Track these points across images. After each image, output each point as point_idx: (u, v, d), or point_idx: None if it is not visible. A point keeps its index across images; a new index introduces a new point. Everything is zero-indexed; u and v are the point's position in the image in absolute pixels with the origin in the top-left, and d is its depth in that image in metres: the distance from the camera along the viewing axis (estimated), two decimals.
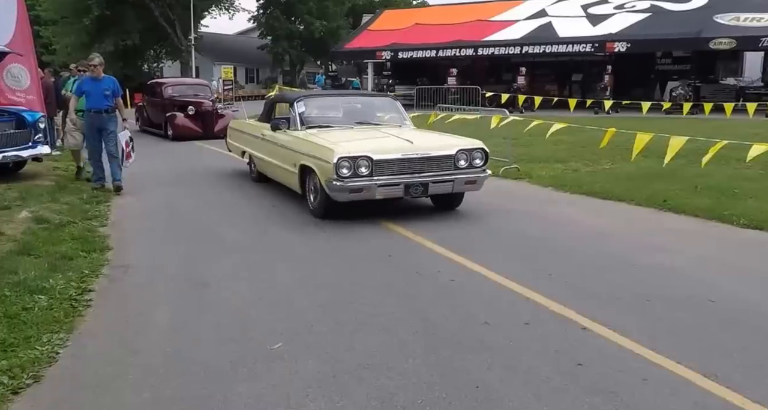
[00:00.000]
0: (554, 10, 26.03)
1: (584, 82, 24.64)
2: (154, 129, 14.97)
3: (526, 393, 2.63)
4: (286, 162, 6.31)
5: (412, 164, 5.50)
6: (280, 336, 3.23)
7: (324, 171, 5.40)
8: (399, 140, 5.80)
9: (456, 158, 5.66)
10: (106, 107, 7.23)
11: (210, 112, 13.91)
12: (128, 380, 2.80)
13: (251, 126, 7.95)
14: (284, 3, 38.74)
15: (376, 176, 5.38)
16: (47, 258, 4.51)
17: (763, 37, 19.95)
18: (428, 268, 4.35)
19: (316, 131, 6.20)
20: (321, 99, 7.57)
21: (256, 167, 7.69)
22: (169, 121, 13.85)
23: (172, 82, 16.48)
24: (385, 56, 26.75)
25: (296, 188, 6.18)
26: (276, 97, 8.23)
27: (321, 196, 5.64)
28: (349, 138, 5.96)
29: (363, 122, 6.70)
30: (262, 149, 7.18)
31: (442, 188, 5.66)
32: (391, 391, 2.65)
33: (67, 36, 32.44)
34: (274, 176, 7.05)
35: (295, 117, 6.49)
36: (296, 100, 6.73)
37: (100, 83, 7.22)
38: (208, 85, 16.24)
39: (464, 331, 3.28)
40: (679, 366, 2.85)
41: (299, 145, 6.00)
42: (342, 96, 8.30)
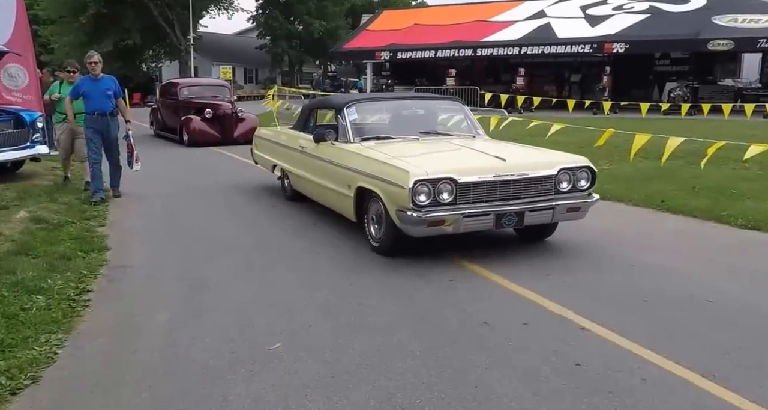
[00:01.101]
0: (553, 11, 26.08)
1: (583, 83, 24.69)
2: (169, 134, 13.77)
3: (525, 393, 2.63)
4: (335, 183, 5.16)
5: (505, 188, 4.36)
6: (278, 336, 3.23)
7: (394, 198, 4.29)
8: (486, 156, 4.64)
9: (557, 179, 4.52)
10: (111, 109, 6.63)
11: (229, 115, 12.58)
12: (127, 380, 2.79)
13: (285, 136, 6.69)
14: (283, 3, 38.75)
15: (461, 203, 4.25)
16: (45, 258, 4.51)
17: (761, 39, 20.02)
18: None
19: (374, 144, 5.08)
20: (376, 104, 6.06)
21: (291, 184, 6.54)
22: (184, 125, 12.63)
23: (187, 82, 15.16)
24: (384, 56, 26.78)
25: (349, 215, 5.03)
26: (316, 102, 6.91)
27: (388, 229, 4.49)
28: (421, 154, 4.88)
29: (428, 131, 5.54)
30: (301, 164, 6.00)
31: (541, 217, 4.50)
32: (390, 391, 2.65)
33: (65, 35, 32.44)
34: (317, 198, 5.87)
35: (346, 126, 5.33)
36: (346, 105, 5.48)
37: (100, 83, 6.60)
38: (227, 85, 14.95)
39: (463, 331, 3.28)
40: (677, 366, 2.86)
41: (355, 162, 4.86)
42: (399, 100, 6.58)
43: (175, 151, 12.24)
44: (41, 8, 31.93)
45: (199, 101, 13.11)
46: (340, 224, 5.68)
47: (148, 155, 9.79)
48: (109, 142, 6.70)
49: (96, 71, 6.59)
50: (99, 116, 6.53)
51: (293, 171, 6.27)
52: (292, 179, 6.46)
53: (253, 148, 7.68)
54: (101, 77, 6.62)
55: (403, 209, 4.21)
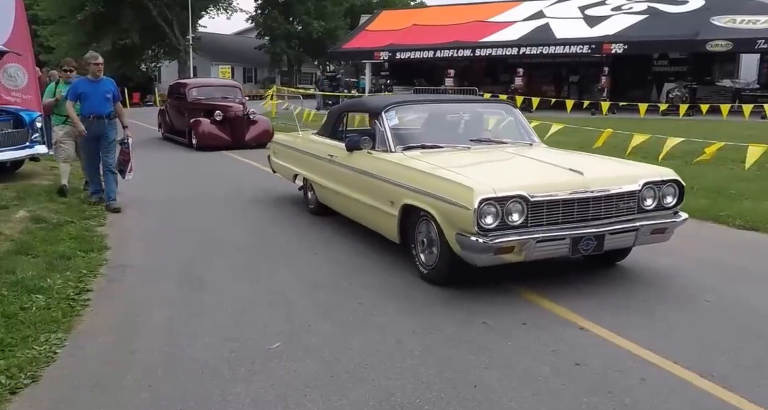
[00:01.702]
0: (552, 12, 26.13)
1: (581, 84, 24.76)
2: (178, 137, 13.00)
3: (524, 393, 2.64)
4: (374, 198, 4.55)
5: (584, 208, 3.74)
6: (278, 335, 3.23)
7: (453, 220, 3.67)
8: (558, 169, 3.99)
9: (641, 195, 3.90)
10: (109, 113, 6.31)
11: (240, 117, 11.86)
12: (126, 380, 2.80)
13: (309, 142, 6.00)
14: (282, 3, 38.78)
15: (533, 226, 3.63)
16: (45, 258, 4.50)
17: (759, 40, 20.09)
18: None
19: (420, 154, 4.47)
20: (418, 108, 5.34)
21: (317, 196, 5.84)
22: (193, 127, 11.91)
23: (197, 82, 14.41)
24: (383, 57, 26.83)
25: (391, 235, 4.43)
26: (347, 105, 6.07)
27: (443, 255, 3.87)
28: (480, 167, 4.30)
29: (479, 139, 4.93)
30: (329, 175, 5.36)
31: (622, 240, 3.90)
32: (389, 391, 2.66)
33: (64, 35, 32.46)
34: (349, 214, 5.23)
35: (385, 133, 4.69)
36: (385, 109, 4.82)
37: (100, 85, 6.28)
38: (238, 86, 14.14)
39: (462, 331, 3.29)
40: (676, 366, 2.87)
41: (400, 175, 4.24)
42: (443, 103, 5.78)
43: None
44: (41, 8, 31.95)
45: (208, 103, 12.44)
46: (340, 224, 5.69)
47: (153, 159, 9.71)
48: (105, 145, 6.35)
49: (100, 74, 6.33)
50: (95, 119, 6.21)
51: (320, 182, 5.60)
52: (318, 191, 5.76)
53: (271, 155, 7.03)
54: (101, 79, 6.33)
55: (464, 234, 3.57)
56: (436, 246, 3.95)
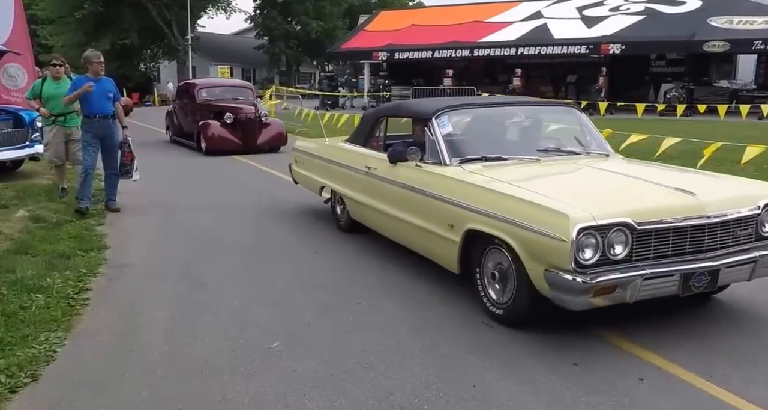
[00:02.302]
0: (550, 12, 26.18)
1: (579, 84, 24.82)
2: (186, 140, 12.30)
3: (523, 393, 2.65)
4: (427, 219, 3.88)
5: (697, 236, 3.11)
6: (277, 335, 3.24)
7: (540, 252, 3.02)
8: (663, 189, 3.33)
9: (761, 220, 3.30)
10: (112, 112, 6.08)
11: (252, 120, 11.15)
12: (126, 379, 2.80)
13: (340, 151, 5.32)
14: (281, 3, 38.80)
15: (638, 259, 3.00)
16: (45, 257, 4.51)
17: (756, 41, 20.16)
18: None
19: (482, 168, 3.83)
20: (474, 112, 4.59)
21: (349, 211, 5.18)
22: (202, 130, 11.19)
23: (206, 83, 13.65)
24: (381, 57, 26.85)
25: (448, 263, 3.78)
26: (386, 109, 5.34)
27: (522, 292, 3.22)
28: (565, 185, 3.66)
29: (547, 148, 4.30)
30: (367, 189, 4.70)
31: (737, 274, 3.26)
32: (389, 390, 2.67)
33: (64, 35, 32.48)
34: (392, 234, 4.56)
35: (437, 142, 4.02)
36: (435, 114, 4.15)
37: (101, 84, 5.99)
38: (250, 87, 13.43)
39: (462, 330, 3.30)
40: (674, 365, 2.88)
41: (462, 194, 3.58)
42: (501, 106, 4.91)
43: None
44: (40, 8, 31.95)
45: (218, 104, 11.72)
46: (335, 225, 5.69)
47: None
48: (109, 147, 6.14)
49: (102, 72, 6.07)
50: (101, 119, 5.97)
51: (353, 197, 4.95)
52: (350, 206, 5.10)
53: (293, 164, 6.33)
54: (101, 78, 6.06)
55: (555, 270, 2.93)
56: (512, 281, 3.28)
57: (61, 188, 6.76)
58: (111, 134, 6.12)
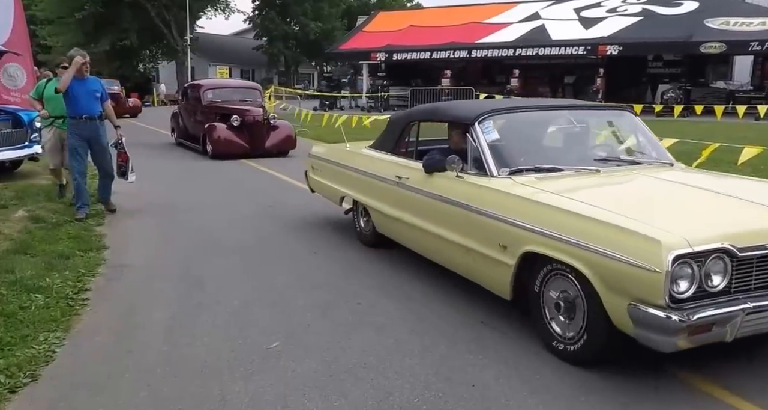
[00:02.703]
0: (547, 13, 26.25)
1: (576, 85, 24.89)
2: (192, 143, 11.91)
3: (522, 392, 2.66)
4: (472, 238, 3.43)
5: None
6: (277, 335, 3.24)
7: (624, 283, 2.58)
8: (755, 207, 2.94)
9: None
10: (99, 113, 5.88)
11: (260, 122, 10.73)
12: (125, 379, 2.80)
13: (364, 159, 4.90)
14: (280, 4, 38.85)
15: (738, 291, 2.61)
16: (44, 257, 4.51)
17: (753, 42, 20.25)
18: None
19: (535, 180, 3.39)
20: (520, 117, 4.05)
21: (374, 224, 4.75)
22: (208, 133, 10.80)
23: (212, 84, 13.30)
24: (379, 58, 26.88)
25: (498, 288, 3.34)
26: (419, 113, 4.73)
27: (595, 327, 2.79)
28: (644, 202, 3.14)
29: (606, 158, 3.83)
30: (397, 201, 4.27)
31: None
32: (388, 390, 2.67)
33: (63, 35, 32.50)
34: (428, 252, 4.10)
35: (482, 151, 3.59)
36: (479, 119, 3.70)
37: (88, 84, 5.80)
38: (258, 88, 13.02)
39: (461, 330, 3.31)
40: (674, 364, 2.86)
41: (518, 210, 3.15)
42: (550, 110, 4.42)
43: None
44: (39, 8, 31.96)
45: (225, 106, 11.31)
46: (338, 224, 5.70)
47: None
48: (98, 148, 5.92)
49: (87, 72, 5.87)
50: (87, 119, 5.75)
51: (380, 210, 4.53)
52: (376, 219, 4.69)
53: (309, 171, 5.87)
54: (87, 78, 5.86)
55: (642, 304, 2.50)
56: (582, 314, 2.85)
57: (60, 185, 6.65)
58: (98, 136, 5.88)
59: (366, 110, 23.38)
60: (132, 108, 21.65)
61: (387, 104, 25.05)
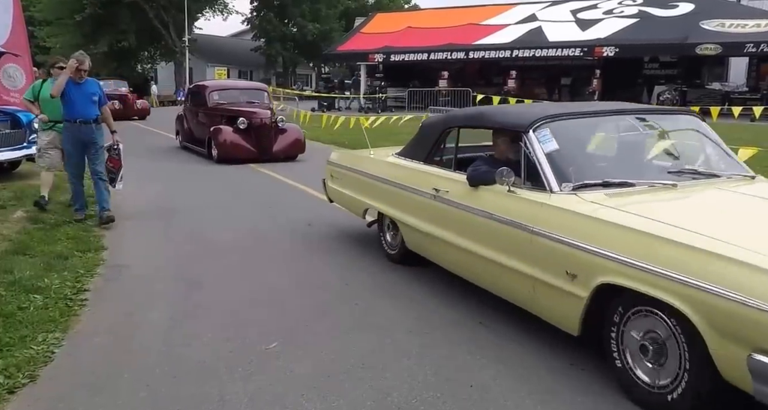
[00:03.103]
0: (544, 15, 26.34)
1: (573, 86, 24.99)
2: (197, 146, 11.38)
3: (520, 393, 2.67)
4: (532, 263, 2.98)
5: None
6: (275, 335, 3.25)
7: (743, 329, 2.16)
8: None
9: None
10: (96, 117, 5.74)
11: (267, 125, 10.23)
12: (124, 379, 2.81)
13: (394, 168, 4.45)
14: (278, 5, 38.87)
15: None
16: (42, 258, 4.52)
17: (748, 43, 20.35)
18: None
19: (605, 197, 2.90)
20: (580, 123, 3.55)
21: (405, 241, 4.29)
22: (213, 137, 10.32)
23: (218, 85, 12.85)
24: (377, 59, 26.91)
25: (563, 322, 2.92)
26: (458, 118, 4.27)
27: (699, 378, 2.36)
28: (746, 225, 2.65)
29: (681, 170, 3.31)
30: (435, 217, 3.82)
31: None
32: (386, 391, 2.68)
33: (61, 36, 32.50)
34: (472, 276, 3.63)
35: (539, 162, 3.14)
36: (533, 126, 3.24)
37: (85, 86, 5.67)
38: (265, 89, 12.42)
39: (458, 331, 3.32)
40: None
41: (588, 233, 2.72)
42: (611, 114, 3.79)
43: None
44: (37, 10, 31.95)
45: (231, 108, 10.85)
46: (336, 224, 5.71)
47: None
48: (93, 152, 5.75)
49: (85, 76, 5.72)
50: (82, 123, 5.62)
51: (413, 225, 4.07)
52: (407, 235, 4.24)
53: (328, 180, 5.42)
54: (85, 80, 5.72)
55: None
56: (676, 361, 2.42)
57: (42, 196, 6.20)
58: (94, 139, 5.72)
59: (364, 111, 23.40)
60: (140, 110, 21.09)
61: (384, 105, 25.09)
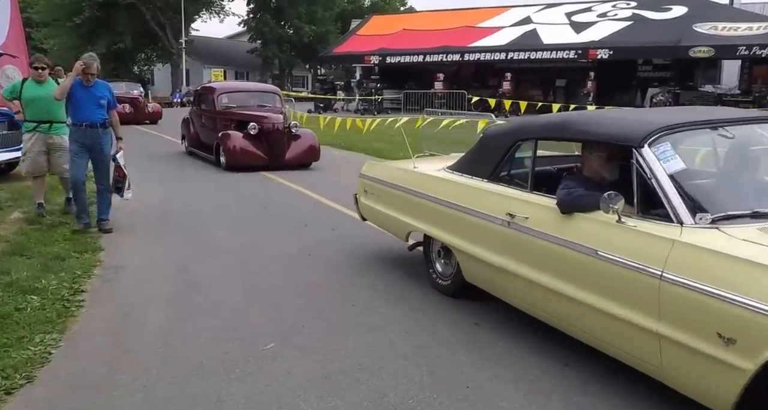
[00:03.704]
0: (539, 18, 26.46)
1: (568, 88, 25.10)
2: (204, 152, 10.75)
3: (516, 393, 2.68)
4: (663, 320, 2.29)
5: None
6: (272, 336, 3.26)
7: None
8: None
9: None
10: (103, 121, 5.44)
11: (280, 131, 9.55)
12: (121, 380, 2.81)
13: (447, 185, 3.77)
14: (274, 8, 38.92)
15: None
16: (39, 259, 4.52)
17: (740, 46, 20.50)
18: None
19: (758, 232, 2.24)
20: (708, 135, 2.91)
21: (463, 271, 3.64)
22: (222, 142, 9.67)
23: (227, 87, 12.08)
24: (373, 61, 26.96)
25: (711, 398, 2.22)
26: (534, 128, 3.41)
27: None
28: None
29: None
30: (509, 247, 3.16)
31: None
32: (383, 391, 2.69)
33: (59, 38, 32.45)
34: (564, 324, 2.95)
35: (663, 187, 2.48)
36: (650, 138, 2.59)
37: (93, 89, 5.42)
38: (277, 92, 11.56)
39: (454, 331, 3.34)
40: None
41: (752, 285, 2.03)
42: (739, 123, 2.93)
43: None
44: (34, 11, 31.89)
45: (241, 112, 10.20)
46: (332, 227, 5.72)
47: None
48: (99, 159, 5.50)
49: (93, 79, 5.46)
50: (88, 127, 5.36)
51: (476, 255, 3.39)
52: (467, 265, 3.58)
53: (361, 196, 4.73)
54: (94, 83, 5.48)
55: None
56: None
57: (38, 203, 5.98)
58: (100, 145, 5.47)
59: (360, 113, 23.42)
60: (152, 114, 19.67)
61: (381, 106, 25.11)
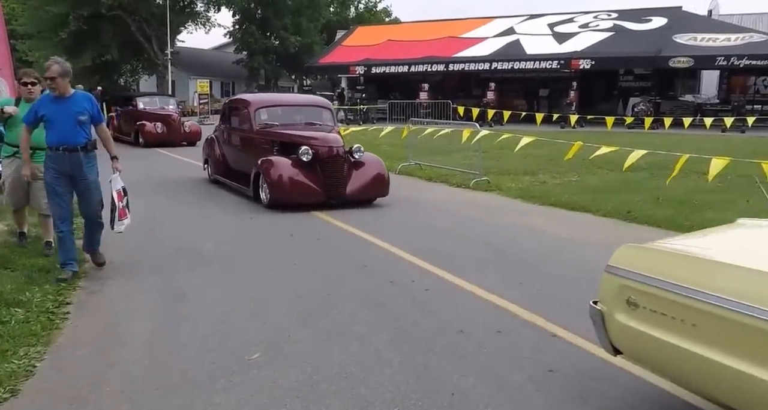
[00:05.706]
0: (522, 28, 26.85)
1: (551, 98, 25.45)
2: (236, 183, 8.33)
3: (500, 400, 2.71)
4: None
5: None
6: (257, 346, 3.27)
7: None
8: None
9: None
10: (85, 142, 4.36)
11: (340, 156, 7.28)
12: (107, 392, 2.80)
13: None
14: (259, 19, 38.98)
15: None
16: (23, 271, 4.48)
17: (719, 57, 20.99)
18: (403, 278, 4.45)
19: None
20: None
21: None
22: (263, 171, 7.27)
23: (266, 100, 9.26)
24: (358, 71, 27.11)
25: None
26: None
27: None
28: None
29: None
30: None
31: None
32: (369, 400, 2.71)
33: (44, 50, 32.16)
34: None
35: None
36: None
37: (69, 104, 4.31)
38: (329, 107, 8.96)
39: (438, 339, 3.37)
40: (647, 372, 2.96)
41: None
42: None
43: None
44: (19, 23, 31.63)
45: (287, 132, 7.79)
46: (317, 233, 5.74)
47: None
48: (83, 187, 4.43)
49: (60, 90, 4.30)
50: (66, 151, 4.28)
51: None
52: None
53: (615, 312, 2.48)
54: (72, 95, 4.38)
55: None
56: None
57: (20, 233, 5.34)
58: (82, 172, 4.38)
59: (345, 123, 23.51)
60: (190, 135, 15.75)
61: (366, 116, 25.23)
